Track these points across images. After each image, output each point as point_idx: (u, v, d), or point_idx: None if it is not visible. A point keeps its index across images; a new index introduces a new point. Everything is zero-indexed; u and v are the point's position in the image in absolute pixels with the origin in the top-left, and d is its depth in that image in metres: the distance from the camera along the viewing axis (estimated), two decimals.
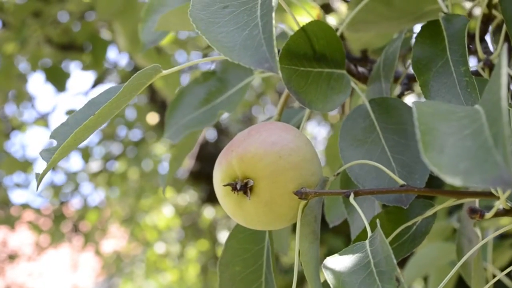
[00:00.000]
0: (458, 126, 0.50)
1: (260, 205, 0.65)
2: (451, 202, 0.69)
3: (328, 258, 0.60)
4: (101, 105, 0.63)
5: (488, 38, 0.87)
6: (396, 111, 0.74)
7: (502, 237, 1.55)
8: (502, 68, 0.48)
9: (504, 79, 0.47)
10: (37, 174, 0.63)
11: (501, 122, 0.46)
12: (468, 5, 0.99)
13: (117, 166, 4.16)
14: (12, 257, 4.42)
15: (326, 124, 4.04)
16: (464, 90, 0.68)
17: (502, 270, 1.13)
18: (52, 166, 0.63)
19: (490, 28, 0.88)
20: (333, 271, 0.58)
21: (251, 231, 0.76)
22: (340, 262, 0.59)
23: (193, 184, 4.34)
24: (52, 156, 0.62)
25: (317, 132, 4.45)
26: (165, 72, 0.67)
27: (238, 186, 0.65)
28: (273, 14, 0.59)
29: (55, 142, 0.65)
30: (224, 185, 0.66)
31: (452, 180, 0.45)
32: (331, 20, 1.58)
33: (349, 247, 0.61)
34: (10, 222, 3.65)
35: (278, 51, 0.70)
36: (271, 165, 0.65)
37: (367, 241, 0.61)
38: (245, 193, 0.65)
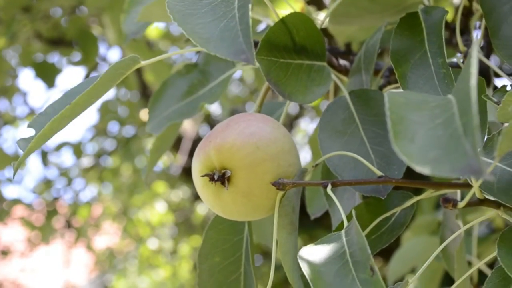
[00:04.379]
0: (429, 116, 0.50)
1: (238, 195, 0.66)
2: (429, 193, 0.70)
3: (303, 248, 0.60)
4: (78, 94, 0.63)
5: (476, 32, 0.87)
6: (375, 102, 0.74)
7: (490, 232, 1.56)
8: (472, 57, 0.48)
9: (474, 69, 0.47)
10: (13, 163, 0.63)
11: (471, 111, 0.46)
12: None
13: (110, 162, 4.15)
14: (4, 253, 4.41)
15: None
16: (441, 82, 0.68)
17: (488, 264, 1.13)
18: (29, 155, 0.63)
19: (476, 21, 0.88)
20: (308, 261, 0.58)
21: (230, 222, 0.76)
22: (316, 252, 0.59)
23: (186, 180, 4.33)
24: (28, 145, 0.62)
25: (311, 128, 4.46)
26: (143, 62, 0.68)
27: (215, 177, 0.65)
28: (250, 6, 0.59)
29: (34, 131, 0.65)
30: (202, 176, 0.66)
31: (422, 168, 0.45)
32: (322, 15, 1.58)
33: (325, 237, 0.62)
34: (2, 217, 3.64)
35: (258, 42, 0.70)
36: (248, 155, 0.65)
37: (343, 231, 0.61)
38: (222, 183, 0.65)
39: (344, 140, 0.73)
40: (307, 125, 4.43)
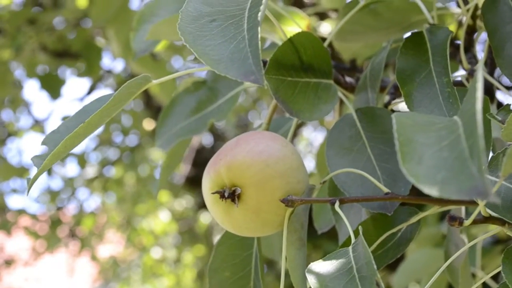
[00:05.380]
0: (436, 137, 0.51)
1: (248, 212, 0.67)
2: (435, 209, 0.71)
3: (312, 263, 0.61)
4: (92, 113, 0.65)
5: (479, 47, 0.89)
6: (381, 120, 0.76)
7: (495, 242, 1.57)
8: (477, 81, 0.49)
9: (479, 93, 0.48)
10: (28, 179, 0.65)
11: (477, 134, 0.47)
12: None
13: (114, 172, 4.16)
14: (8, 262, 4.42)
15: (322, 129, 4.05)
16: (446, 101, 0.70)
17: (493, 275, 1.14)
18: (43, 172, 0.65)
19: (477, 38, 0.89)
20: (316, 276, 0.59)
21: (240, 237, 0.77)
22: (323, 267, 0.61)
23: (189, 189, 4.34)
24: (43, 162, 0.64)
25: (313, 137, 4.47)
26: (155, 81, 0.69)
27: (226, 194, 0.67)
28: (259, 28, 0.61)
29: (47, 149, 0.67)
30: (212, 193, 0.68)
31: (429, 190, 0.47)
32: (326, 26, 1.60)
33: (333, 253, 0.63)
34: (7, 227, 3.65)
35: (266, 62, 0.72)
36: (258, 173, 0.66)
37: (350, 247, 0.62)
38: (233, 200, 0.67)
39: (351, 157, 0.74)
40: (310, 134, 4.44)
